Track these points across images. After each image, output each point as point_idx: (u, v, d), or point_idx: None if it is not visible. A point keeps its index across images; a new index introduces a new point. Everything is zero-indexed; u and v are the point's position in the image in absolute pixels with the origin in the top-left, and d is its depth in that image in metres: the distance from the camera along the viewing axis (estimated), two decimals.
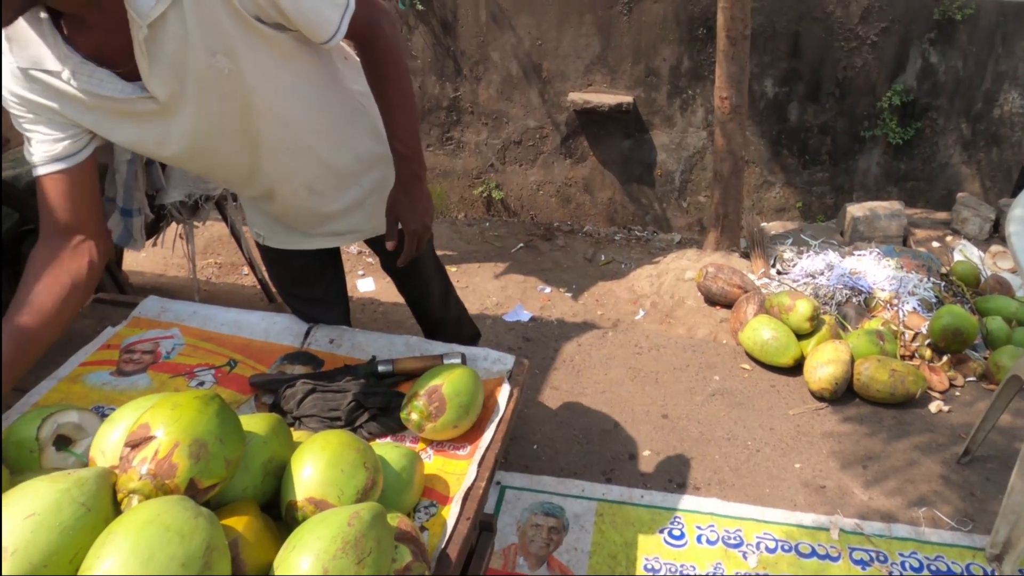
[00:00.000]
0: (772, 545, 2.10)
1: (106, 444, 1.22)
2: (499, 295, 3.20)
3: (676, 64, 4.36)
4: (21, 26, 1.21)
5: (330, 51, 1.51)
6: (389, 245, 1.58)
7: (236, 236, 2.74)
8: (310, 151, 1.55)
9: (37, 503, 0.96)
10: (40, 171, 1.32)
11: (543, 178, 4.71)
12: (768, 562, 2.05)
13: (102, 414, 1.53)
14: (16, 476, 1.18)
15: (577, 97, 4.42)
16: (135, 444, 1.07)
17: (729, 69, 3.03)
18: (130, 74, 1.25)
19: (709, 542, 2.10)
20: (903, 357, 2.76)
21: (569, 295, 3.25)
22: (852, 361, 2.60)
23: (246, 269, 3.24)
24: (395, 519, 1.22)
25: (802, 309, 2.71)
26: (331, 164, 1.60)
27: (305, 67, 1.44)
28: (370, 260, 3.39)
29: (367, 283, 3.22)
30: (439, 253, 3.51)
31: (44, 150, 1.31)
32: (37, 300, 1.31)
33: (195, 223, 2.40)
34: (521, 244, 3.79)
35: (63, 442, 1.42)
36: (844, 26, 4.17)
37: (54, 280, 1.33)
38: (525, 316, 3.05)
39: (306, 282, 1.87)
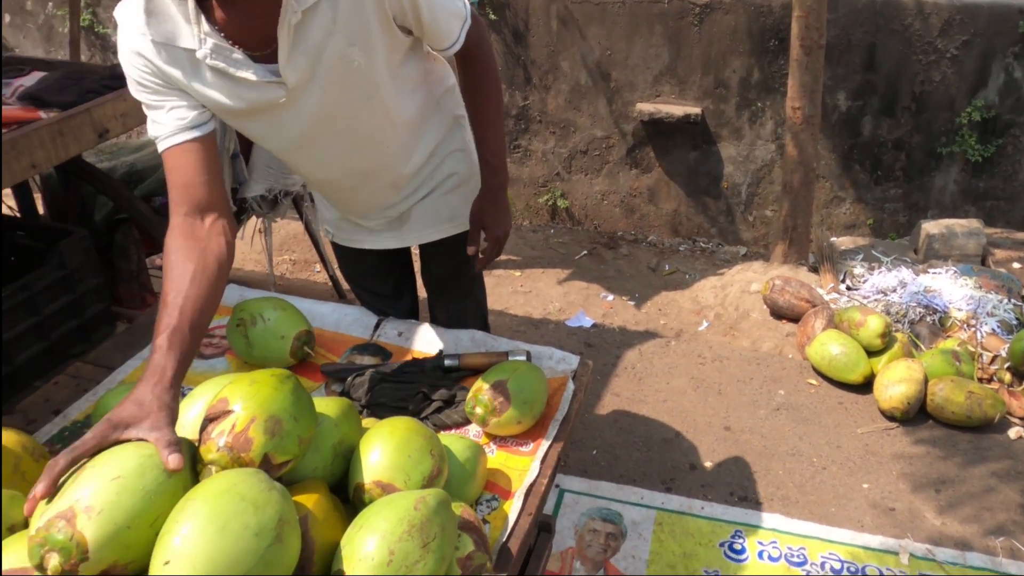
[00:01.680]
0: (837, 566, 2.03)
1: (185, 419, 1.25)
2: (561, 301, 3.19)
3: (746, 76, 4.30)
4: (163, 2, 1.22)
5: (432, 61, 1.59)
6: (471, 250, 1.63)
7: (311, 234, 2.81)
8: (407, 151, 1.60)
9: (122, 467, 0.99)
10: (171, 142, 1.29)
11: (608, 188, 4.69)
12: None
13: (181, 394, 1.58)
14: None
15: (645, 107, 4.40)
16: (214, 417, 1.10)
17: (802, 79, 2.97)
18: (264, 58, 1.28)
19: (771, 558, 2.05)
20: (980, 380, 2.65)
21: (632, 303, 3.23)
22: (925, 381, 2.51)
23: (318, 266, 3.32)
24: (458, 508, 1.23)
25: (873, 325, 2.63)
26: (421, 167, 1.65)
27: (418, 72, 1.51)
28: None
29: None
30: (503, 257, 3.54)
31: (176, 117, 1.28)
32: (193, 291, 1.21)
33: (274, 218, 2.47)
34: (584, 251, 3.78)
35: None
36: (923, 39, 4.05)
37: (202, 267, 1.25)
38: (587, 322, 3.04)
39: (374, 278, 1.91)
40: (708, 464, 2.32)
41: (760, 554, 2.05)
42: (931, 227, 3.47)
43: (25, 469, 1.23)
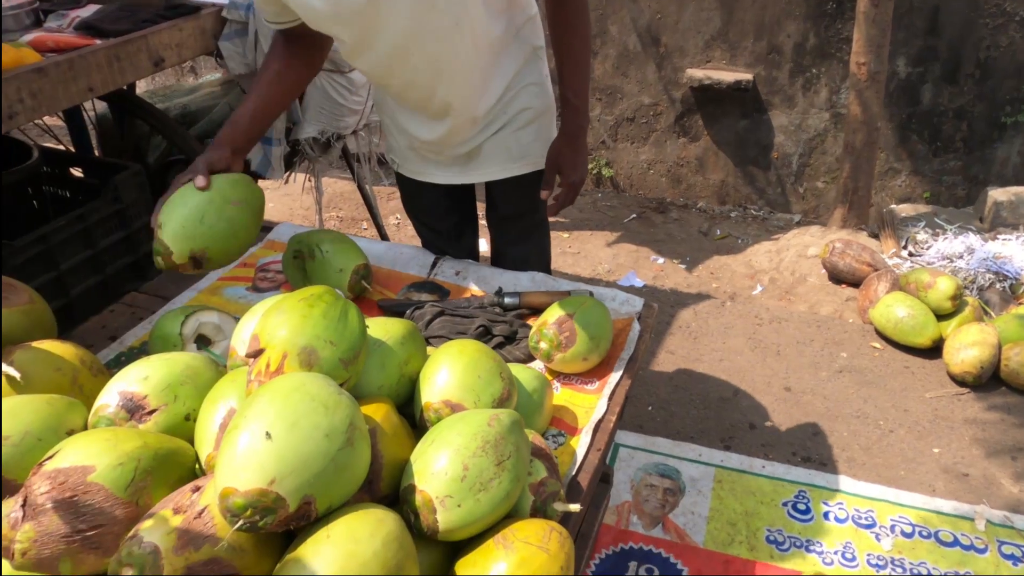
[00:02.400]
0: (908, 530, 1.94)
1: (246, 334, 1.21)
2: (611, 262, 3.11)
3: (801, 41, 4.16)
4: None
5: None
6: (544, 194, 1.58)
7: (363, 191, 2.76)
8: (486, 80, 1.54)
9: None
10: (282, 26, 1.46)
11: (654, 157, 4.59)
12: (904, 547, 1.89)
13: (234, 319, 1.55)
14: None
15: (695, 73, 4.28)
16: (251, 356, 1.05)
17: (869, 32, 2.84)
18: None
19: (838, 520, 1.96)
20: None
21: (683, 266, 3.14)
22: (999, 346, 2.39)
23: (366, 224, 3.27)
24: (529, 435, 1.17)
25: (944, 287, 2.51)
26: (501, 98, 1.60)
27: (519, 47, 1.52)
28: (483, 223, 3.37)
29: (483, 244, 3.20)
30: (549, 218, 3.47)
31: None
32: (272, 83, 1.49)
33: (326, 163, 2.42)
34: (633, 215, 3.69)
35: (203, 342, 1.44)
36: (990, 1, 3.87)
37: (287, 69, 1.50)
38: (638, 283, 2.95)
39: (436, 214, 1.86)
40: (768, 424, 2.23)
41: (826, 515, 1.97)
42: (999, 194, 3.33)
43: (83, 382, 1.20)
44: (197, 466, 1.02)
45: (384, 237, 2.96)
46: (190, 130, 2.31)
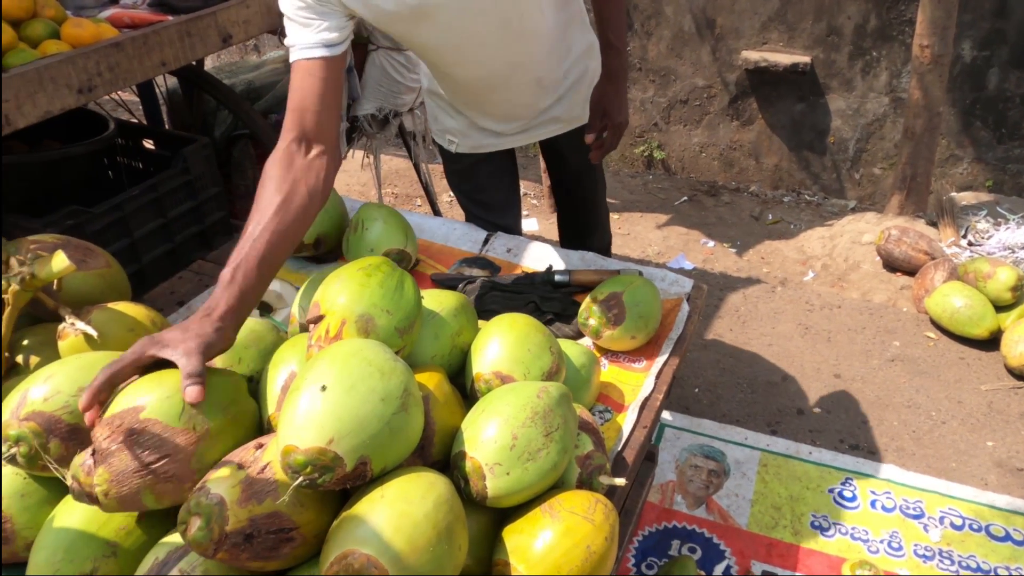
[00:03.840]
0: (959, 522, 1.91)
1: (306, 302, 1.26)
2: (660, 244, 3.11)
3: (862, 23, 4.05)
4: None
5: None
6: (589, 138, 1.58)
7: (418, 169, 2.81)
8: (553, 41, 1.57)
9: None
10: (303, 55, 1.25)
11: (707, 140, 4.53)
12: (953, 539, 1.87)
13: (294, 287, 1.61)
14: None
15: (751, 55, 4.20)
16: (312, 321, 1.09)
17: (933, 14, 2.76)
18: None
19: (885, 509, 1.94)
20: None
21: (733, 251, 3.11)
22: None
23: (419, 200, 3.33)
24: (577, 408, 1.19)
25: (1004, 277, 2.44)
26: (561, 58, 1.63)
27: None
28: (535, 202, 3.39)
29: (531, 223, 3.22)
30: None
31: (313, 32, 1.25)
32: (273, 223, 1.16)
33: (383, 140, 2.47)
34: (684, 198, 3.67)
35: (265, 308, 1.50)
36: None
37: (290, 200, 1.18)
38: (688, 266, 2.95)
39: (487, 189, 1.89)
40: (816, 410, 2.22)
41: (873, 503, 1.95)
42: None
43: None
44: (265, 420, 1.06)
45: (438, 214, 3.01)
46: (254, 105, 2.38)
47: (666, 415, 2.19)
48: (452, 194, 3.49)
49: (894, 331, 2.55)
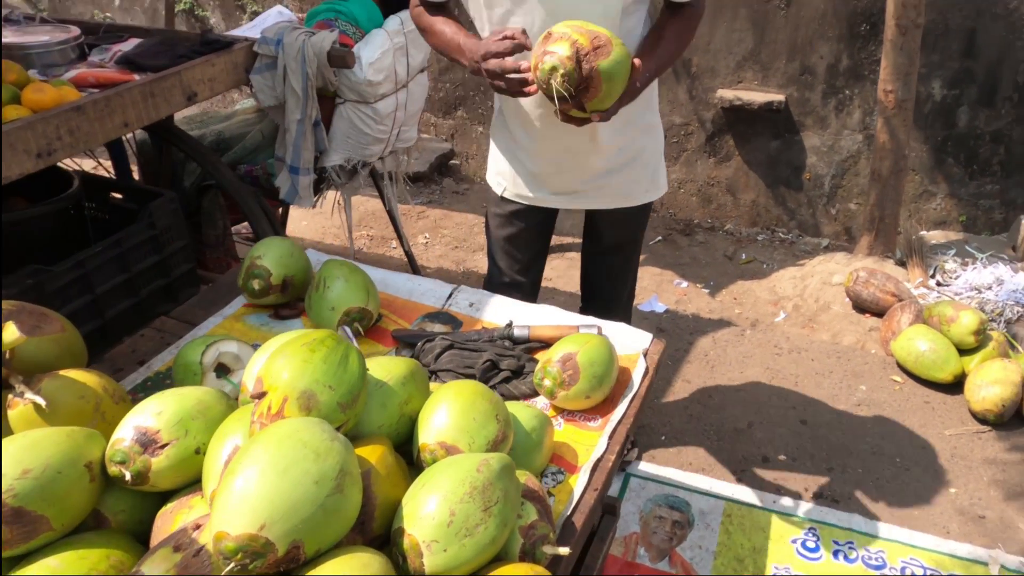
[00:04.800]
0: (919, 572, 1.92)
1: (256, 369, 1.27)
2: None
3: (834, 62, 4.12)
4: None
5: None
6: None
7: (390, 211, 2.83)
8: (627, 114, 1.63)
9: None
10: None
11: (685, 176, 4.58)
12: None
13: (254, 347, 1.62)
14: None
15: (726, 94, 4.27)
16: (255, 397, 1.11)
17: (896, 60, 2.82)
18: None
19: (847, 559, 1.95)
20: None
21: (706, 291, 3.14)
22: (1023, 384, 2.35)
23: (395, 243, 3.35)
24: (523, 476, 1.20)
25: (966, 321, 2.48)
26: (630, 118, 1.68)
27: (641, 21, 1.62)
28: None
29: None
30: (570, 240, 3.50)
31: None
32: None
33: (352, 190, 2.50)
34: (659, 237, 3.70)
35: (223, 370, 1.51)
36: None
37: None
38: (660, 308, 2.97)
39: (519, 243, 1.94)
40: (782, 457, 2.23)
41: (835, 554, 1.96)
42: None
43: (105, 410, 1.26)
44: (208, 496, 1.07)
45: (410, 256, 3.02)
46: (224, 156, 2.40)
47: (633, 464, 2.19)
48: (427, 236, 3.54)
49: (861, 375, 2.57)
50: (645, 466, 2.19)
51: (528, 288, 2.05)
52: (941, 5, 3.84)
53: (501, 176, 1.87)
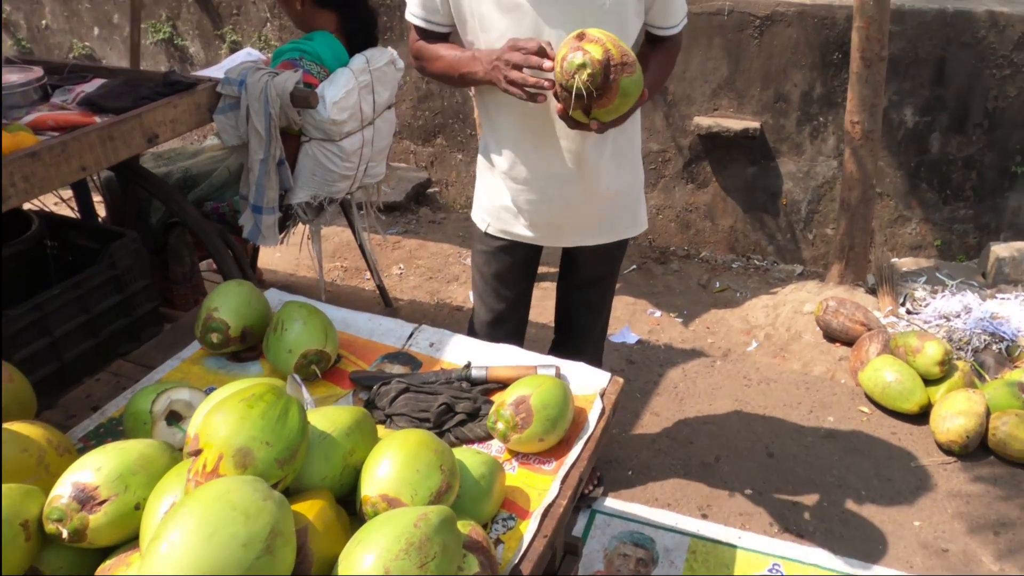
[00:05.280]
0: None
1: (200, 421, 1.27)
2: None
3: (807, 90, 4.17)
4: None
5: None
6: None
7: (360, 242, 2.84)
8: (621, 133, 1.70)
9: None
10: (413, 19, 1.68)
11: (663, 202, 4.62)
12: None
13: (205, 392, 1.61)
14: None
15: (702, 121, 4.31)
16: (192, 454, 1.11)
17: (862, 92, 2.86)
18: None
19: None
20: None
21: (679, 320, 3.15)
22: (988, 414, 2.36)
23: (368, 274, 3.36)
24: (467, 527, 1.20)
25: (931, 352, 2.49)
26: (616, 149, 1.72)
27: (632, 42, 1.64)
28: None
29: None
30: (544, 270, 3.51)
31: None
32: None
33: (319, 225, 2.51)
34: (634, 266, 3.72)
35: (174, 418, 1.51)
36: (997, 52, 3.86)
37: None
38: (632, 338, 2.98)
39: (508, 280, 1.95)
40: (748, 491, 2.23)
41: None
42: (1001, 250, 3.30)
43: (49, 462, 1.26)
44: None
45: (381, 289, 3.03)
46: (191, 193, 2.41)
47: (599, 500, 2.19)
48: (401, 267, 3.54)
49: (829, 406, 2.58)
50: (611, 502, 2.19)
51: (515, 325, 2.05)
52: (911, 34, 3.90)
53: (485, 212, 1.88)
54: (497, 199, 1.82)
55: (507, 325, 1.99)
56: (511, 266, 1.92)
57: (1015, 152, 4.02)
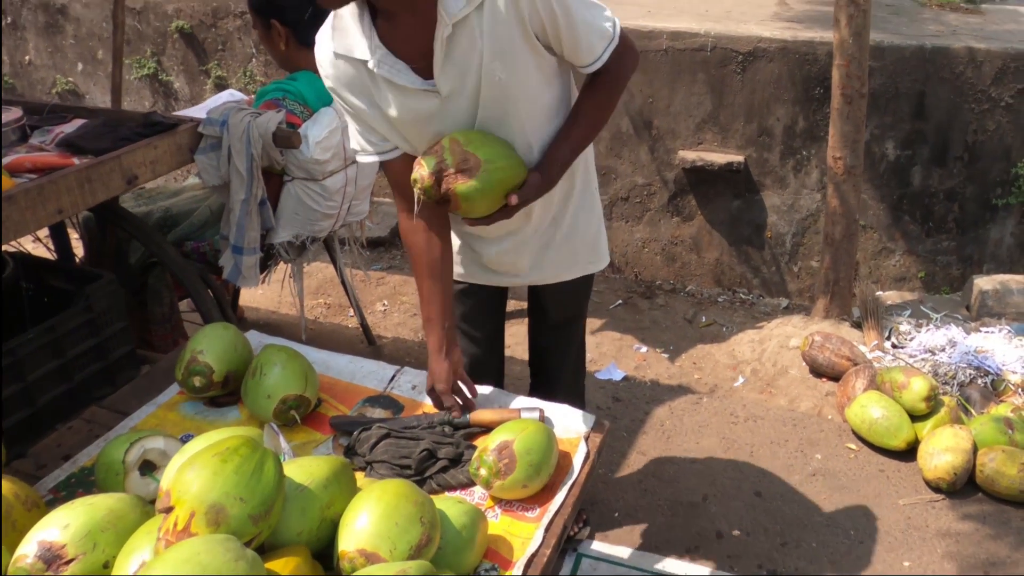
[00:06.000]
0: None
1: (173, 473, 1.24)
2: (593, 351, 3.12)
3: (790, 124, 4.22)
4: (345, 18, 1.43)
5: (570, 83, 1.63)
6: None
7: (342, 279, 2.82)
8: (565, 179, 1.63)
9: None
10: (385, 157, 1.57)
11: (649, 235, 4.63)
12: None
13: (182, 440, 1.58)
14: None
15: (687, 155, 4.35)
16: (162, 511, 1.07)
17: (843, 128, 2.89)
18: (421, 71, 1.44)
19: None
20: None
21: (665, 356, 3.14)
22: (975, 450, 2.35)
23: (351, 311, 3.33)
24: None
25: (917, 387, 2.49)
26: (553, 195, 1.66)
27: (557, 94, 1.56)
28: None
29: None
30: (525, 306, 3.50)
31: (377, 139, 1.55)
32: (442, 267, 1.63)
33: (301, 264, 2.49)
34: (620, 301, 3.71)
35: (148, 467, 1.47)
36: (975, 87, 3.92)
37: (437, 246, 1.62)
38: (618, 375, 2.96)
39: (475, 320, 1.94)
40: (736, 532, 2.20)
41: None
42: (984, 283, 3.31)
43: (16, 518, 1.22)
44: None
45: (364, 327, 3.00)
46: (171, 233, 2.39)
47: (584, 543, 2.16)
48: (385, 303, 3.52)
49: (816, 443, 2.57)
50: (598, 545, 2.15)
51: (494, 367, 2.05)
52: (891, 70, 3.96)
53: None
54: (460, 246, 1.82)
55: (485, 367, 1.97)
56: (476, 306, 1.92)
57: (995, 185, 4.07)
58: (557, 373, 2.08)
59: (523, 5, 1.36)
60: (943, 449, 2.32)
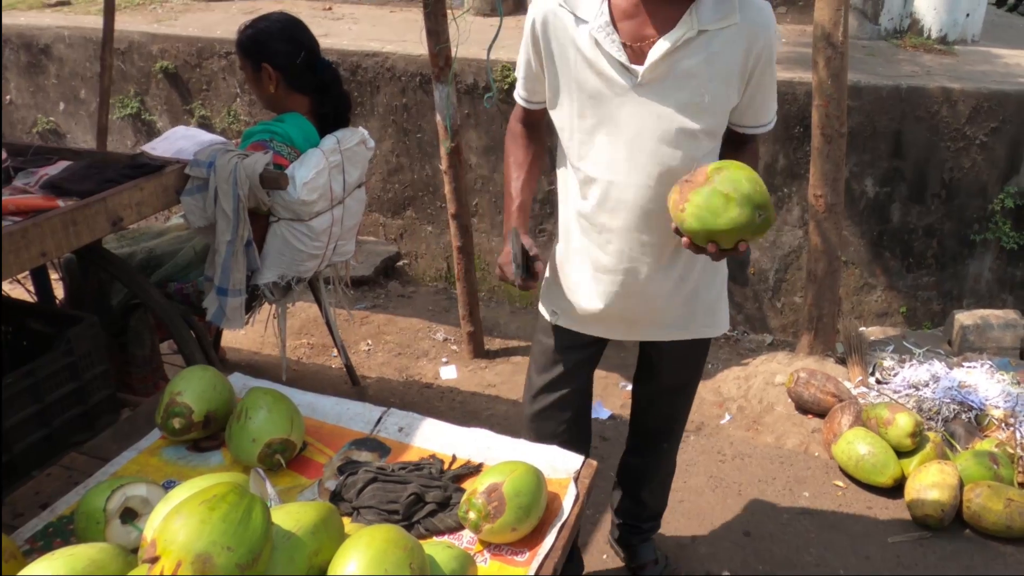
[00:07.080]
0: None
1: (157, 522, 1.21)
2: None
3: (771, 162, 4.29)
4: None
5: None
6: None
7: (327, 319, 2.80)
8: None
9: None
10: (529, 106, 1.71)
11: None
12: None
13: (165, 487, 1.55)
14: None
15: None
16: (147, 561, 1.05)
17: (824, 167, 2.94)
18: (632, 54, 1.48)
19: None
20: (1021, 485, 2.48)
21: None
22: (961, 486, 2.36)
23: (335, 351, 3.30)
24: None
25: (902, 424, 2.50)
26: (688, 264, 1.67)
27: (705, 147, 1.56)
28: (454, 348, 3.39)
29: (449, 371, 3.21)
30: (516, 343, 3.49)
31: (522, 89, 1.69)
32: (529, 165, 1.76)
33: (286, 304, 2.47)
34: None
35: (130, 515, 1.44)
36: (950, 126, 4.02)
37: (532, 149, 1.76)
38: (604, 414, 2.95)
39: (570, 378, 1.87)
40: (725, 574, 2.18)
41: None
42: (965, 318, 3.35)
43: None
44: None
45: (348, 368, 2.98)
46: (155, 274, 2.37)
47: None
48: (369, 343, 3.50)
49: (804, 480, 2.56)
50: None
51: (580, 415, 1.97)
52: (868, 109, 4.05)
53: (553, 304, 1.82)
54: (568, 288, 1.76)
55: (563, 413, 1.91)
56: (576, 363, 1.86)
57: (973, 221, 4.15)
58: (663, 438, 2.03)
59: (755, 46, 1.46)
60: (930, 485, 2.33)
